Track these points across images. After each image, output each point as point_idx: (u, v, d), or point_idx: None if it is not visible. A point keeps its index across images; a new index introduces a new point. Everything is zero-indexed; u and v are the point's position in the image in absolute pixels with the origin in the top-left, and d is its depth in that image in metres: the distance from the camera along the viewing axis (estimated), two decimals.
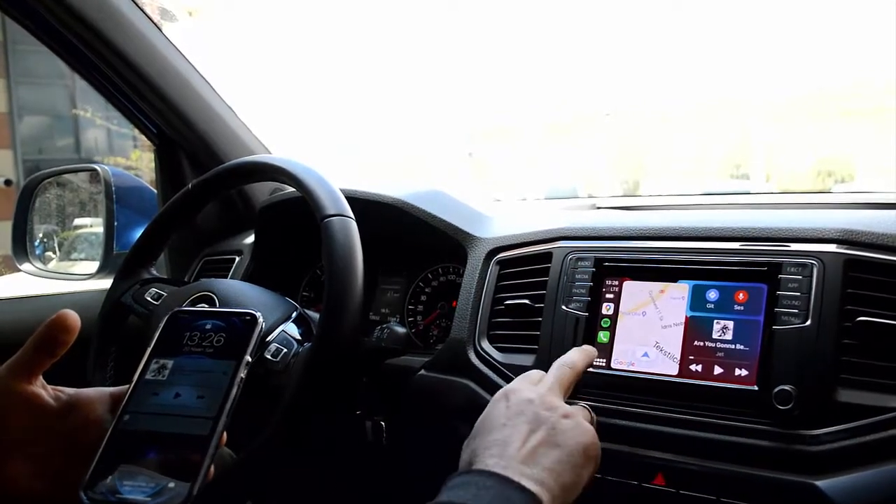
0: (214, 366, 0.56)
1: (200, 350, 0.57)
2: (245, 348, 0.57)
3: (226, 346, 0.57)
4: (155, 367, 0.57)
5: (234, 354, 0.56)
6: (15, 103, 11.18)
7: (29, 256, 1.47)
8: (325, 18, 14.68)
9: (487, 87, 15.22)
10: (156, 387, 0.56)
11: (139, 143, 9.91)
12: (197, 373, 0.56)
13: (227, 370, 0.55)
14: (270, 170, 1.00)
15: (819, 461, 0.75)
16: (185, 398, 0.54)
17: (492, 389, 0.97)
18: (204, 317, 0.60)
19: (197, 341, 0.58)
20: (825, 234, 0.84)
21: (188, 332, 0.58)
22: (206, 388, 0.55)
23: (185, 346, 0.58)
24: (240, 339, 0.57)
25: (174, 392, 0.55)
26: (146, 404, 0.55)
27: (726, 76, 15.23)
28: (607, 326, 0.91)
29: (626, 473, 0.86)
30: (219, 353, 0.57)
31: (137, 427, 0.54)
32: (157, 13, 1.29)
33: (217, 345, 0.57)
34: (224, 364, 0.56)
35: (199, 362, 0.57)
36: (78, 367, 0.62)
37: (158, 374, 0.56)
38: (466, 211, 1.18)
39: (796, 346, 0.79)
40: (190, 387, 0.55)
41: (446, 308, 1.20)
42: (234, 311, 0.60)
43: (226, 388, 0.54)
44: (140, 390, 0.56)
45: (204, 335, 0.58)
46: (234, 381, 0.55)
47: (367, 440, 1.11)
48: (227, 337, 0.58)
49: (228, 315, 0.59)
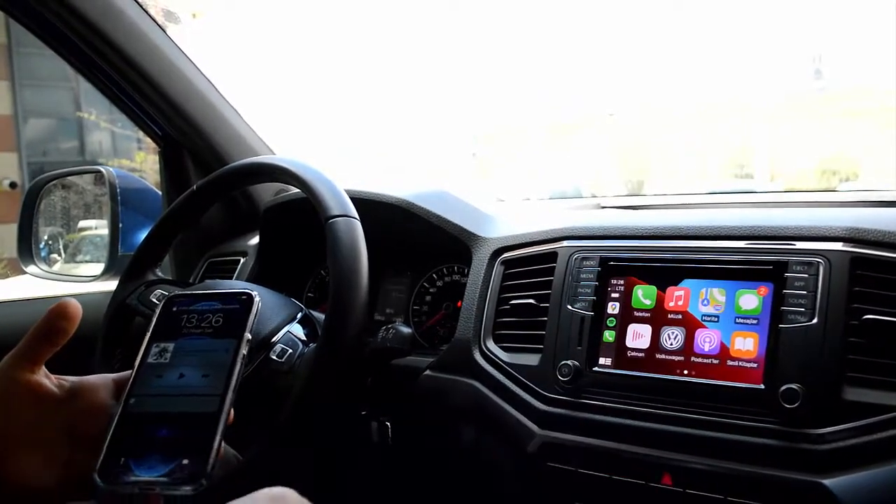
0: (216, 345, 0.56)
1: (200, 331, 0.58)
2: (244, 326, 0.57)
3: (225, 325, 0.58)
4: (156, 351, 0.57)
5: (233, 333, 0.57)
6: (19, 106, 11.22)
7: (34, 259, 1.48)
8: (328, 21, 14.70)
9: (491, 88, 15.23)
10: (159, 369, 0.56)
11: (143, 145, 9.93)
12: (199, 353, 0.56)
13: (228, 348, 0.56)
14: (275, 171, 1.00)
15: (826, 460, 0.75)
16: (190, 378, 0.55)
17: (497, 390, 0.98)
18: (200, 299, 0.60)
19: (195, 323, 0.58)
20: (831, 233, 0.84)
21: (185, 315, 0.59)
22: (209, 367, 0.55)
23: (185, 329, 0.58)
24: (238, 318, 0.58)
25: (178, 373, 0.55)
26: (151, 387, 0.55)
27: (730, 76, 15.20)
28: (613, 326, 0.91)
29: (633, 473, 0.85)
30: (218, 332, 0.57)
31: (144, 409, 0.54)
32: (161, 15, 1.29)
33: (216, 325, 0.58)
34: (225, 342, 0.56)
35: (200, 342, 0.57)
36: (83, 368, 0.62)
37: (160, 357, 0.57)
38: (471, 211, 1.18)
39: (803, 344, 0.78)
40: (193, 367, 0.55)
41: (451, 308, 1.19)
42: (229, 290, 0.60)
43: (229, 364, 0.55)
44: (143, 374, 0.56)
45: (202, 317, 0.58)
46: (238, 357, 0.55)
47: (373, 441, 1.11)
48: (226, 316, 0.58)
49: (224, 295, 0.60)
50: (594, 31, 16.22)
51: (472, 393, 1.00)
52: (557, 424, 0.91)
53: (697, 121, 13.17)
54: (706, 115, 13.16)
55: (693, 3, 16.58)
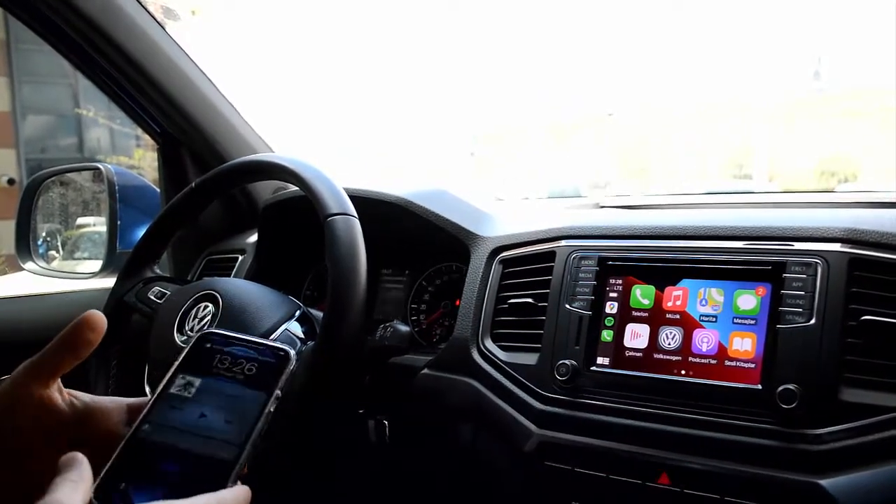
0: (245, 393, 0.55)
1: (231, 375, 0.56)
2: (276, 382, 0.55)
3: (258, 375, 0.56)
4: (181, 383, 0.55)
5: (265, 386, 0.55)
6: (18, 102, 11.20)
7: (32, 255, 1.48)
8: (329, 20, 14.68)
9: (491, 88, 15.22)
10: (180, 402, 0.54)
11: (142, 142, 9.92)
12: (226, 396, 0.54)
13: (257, 400, 0.54)
14: (274, 169, 1.00)
15: (823, 460, 0.75)
16: (212, 420, 0.53)
17: (495, 389, 0.98)
18: (237, 342, 0.58)
19: (227, 365, 0.56)
20: (829, 233, 0.84)
21: (219, 355, 0.57)
22: (234, 414, 0.53)
23: (215, 368, 0.56)
24: (272, 373, 0.56)
25: (199, 411, 0.53)
26: (168, 418, 0.53)
27: (730, 76, 15.20)
28: (611, 325, 0.91)
29: (631, 473, 0.85)
30: (250, 381, 0.55)
31: (157, 438, 0.52)
32: (160, 12, 1.28)
33: (249, 373, 0.56)
34: (255, 394, 0.55)
35: (229, 387, 0.55)
36: (81, 366, 0.61)
37: (184, 390, 0.55)
38: (470, 210, 1.18)
39: (800, 345, 0.78)
40: (217, 409, 0.53)
41: (449, 307, 1.19)
42: (269, 343, 0.58)
43: (255, 417, 0.53)
44: (163, 403, 0.54)
45: (235, 361, 0.56)
46: (265, 412, 0.54)
47: (370, 439, 1.11)
48: (259, 367, 0.56)
49: (263, 346, 0.58)
50: (594, 30, 16.22)
51: (470, 392, 1.00)
52: (555, 424, 0.91)
53: (697, 121, 13.18)
54: (705, 115, 13.17)
55: (693, 3, 16.59)
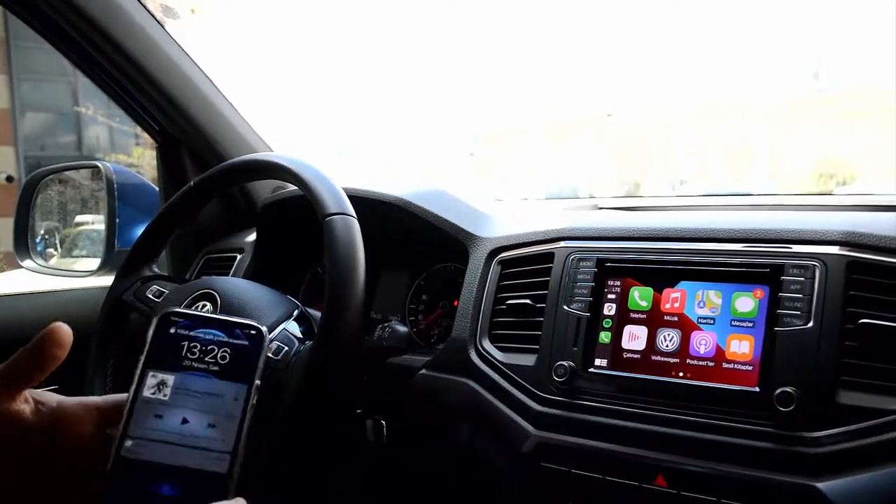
0: (223, 388, 0.50)
1: (205, 367, 0.51)
2: (254, 369, 0.51)
3: (232, 364, 0.51)
4: (153, 383, 0.50)
5: (242, 377, 0.51)
6: (17, 100, 11.20)
7: (30, 253, 1.48)
8: (329, 20, 14.68)
9: (491, 88, 15.22)
10: (158, 408, 0.49)
11: (141, 141, 9.92)
12: (204, 395, 0.50)
13: (238, 396, 0.50)
14: (273, 168, 1.00)
15: (820, 463, 0.75)
16: (195, 426, 0.49)
17: (493, 389, 0.98)
18: (202, 324, 0.52)
19: (198, 355, 0.51)
20: (828, 236, 0.84)
21: (186, 342, 0.51)
22: (216, 415, 0.49)
23: (186, 360, 0.51)
24: (247, 359, 0.51)
25: (181, 417, 0.49)
26: (150, 429, 0.49)
27: (729, 76, 15.20)
28: (609, 327, 0.91)
29: (627, 474, 0.85)
30: (226, 373, 0.51)
31: (144, 458, 0.48)
32: (159, 11, 1.28)
33: (222, 362, 0.51)
34: (234, 387, 0.50)
35: (204, 382, 0.50)
36: (78, 365, 0.60)
37: (158, 391, 0.50)
38: (468, 210, 1.18)
39: (798, 347, 0.78)
40: (198, 412, 0.49)
41: (448, 307, 1.19)
42: (236, 320, 0.53)
43: (239, 416, 0.49)
44: (140, 411, 0.49)
45: (205, 348, 0.51)
46: (247, 409, 0.50)
47: (368, 439, 1.11)
48: (233, 354, 0.51)
49: (230, 325, 0.52)
50: (593, 31, 16.22)
51: (468, 392, 1.00)
52: (552, 425, 0.91)
53: (697, 121, 13.18)
54: (705, 115, 13.17)
55: (693, 3, 16.59)
